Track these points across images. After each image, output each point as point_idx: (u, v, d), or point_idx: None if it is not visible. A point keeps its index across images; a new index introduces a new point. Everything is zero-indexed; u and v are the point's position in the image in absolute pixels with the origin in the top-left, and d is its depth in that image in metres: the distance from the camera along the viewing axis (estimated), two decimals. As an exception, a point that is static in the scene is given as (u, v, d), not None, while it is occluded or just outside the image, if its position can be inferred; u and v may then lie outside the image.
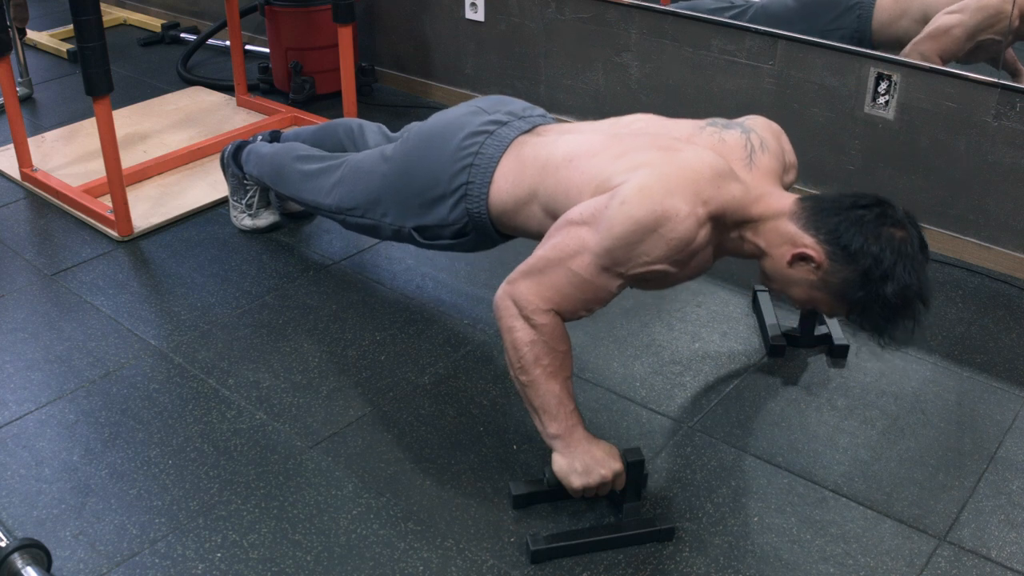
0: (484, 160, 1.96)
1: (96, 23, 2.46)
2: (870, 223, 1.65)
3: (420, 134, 2.10)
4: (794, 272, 1.71)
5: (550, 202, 1.85)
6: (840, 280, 1.67)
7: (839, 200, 1.70)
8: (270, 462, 1.94)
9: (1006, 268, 2.57)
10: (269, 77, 3.68)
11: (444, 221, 2.03)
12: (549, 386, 1.73)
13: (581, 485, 1.75)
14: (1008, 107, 2.44)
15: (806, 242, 1.68)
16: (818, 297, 1.72)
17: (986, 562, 1.74)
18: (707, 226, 1.67)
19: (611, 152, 1.79)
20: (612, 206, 1.65)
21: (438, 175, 2.01)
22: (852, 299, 1.67)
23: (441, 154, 2.01)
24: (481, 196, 1.96)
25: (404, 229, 2.11)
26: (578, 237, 1.68)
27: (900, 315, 1.66)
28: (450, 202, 2.00)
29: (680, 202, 1.63)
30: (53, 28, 4.32)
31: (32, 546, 1.63)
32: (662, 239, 1.63)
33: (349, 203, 2.22)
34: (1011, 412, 2.09)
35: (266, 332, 2.33)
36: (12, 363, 2.22)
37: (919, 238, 1.68)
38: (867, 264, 1.63)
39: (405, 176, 2.09)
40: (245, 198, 2.69)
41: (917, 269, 1.65)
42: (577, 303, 1.71)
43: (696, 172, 1.67)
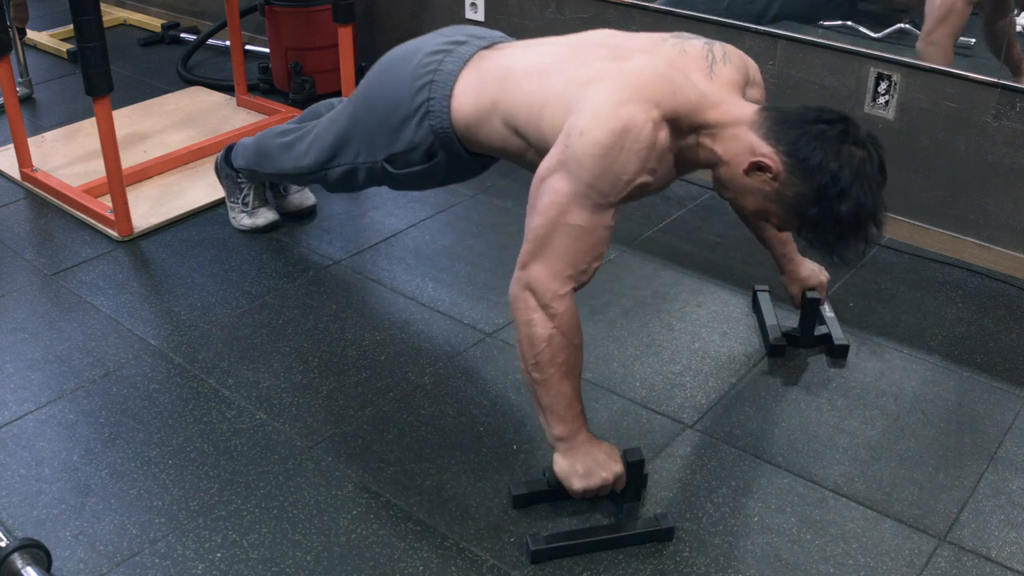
0: (443, 76, 1.95)
1: (96, 23, 2.46)
2: (832, 139, 1.63)
3: (380, 65, 2.11)
4: (750, 181, 1.69)
5: (510, 116, 1.85)
6: (795, 194, 1.65)
7: (803, 113, 1.68)
8: (270, 462, 1.94)
9: (1006, 268, 2.57)
10: (269, 77, 3.68)
11: (412, 143, 2.03)
12: (562, 387, 1.72)
13: (582, 488, 1.75)
14: (1008, 107, 2.44)
15: (764, 151, 1.66)
16: (771, 209, 1.71)
17: (986, 562, 1.74)
18: (664, 127, 1.66)
19: (569, 65, 1.78)
20: (573, 143, 1.65)
21: (400, 97, 2.01)
22: (805, 214, 1.66)
23: (401, 76, 2.01)
24: (443, 111, 1.95)
25: (377, 164, 2.11)
26: (555, 190, 1.66)
27: (851, 235, 1.65)
28: (414, 122, 2.00)
29: (633, 109, 1.63)
30: (53, 28, 4.32)
31: (32, 546, 1.63)
32: (631, 152, 1.63)
33: (327, 153, 2.24)
34: (1011, 412, 2.09)
35: (266, 332, 2.33)
36: (12, 363, 2.22)
37: (879, 159, 1.67)
38: (824, 180, 1.62)
39: (369, 106, 2.10)
40: (241, 196, 2.69)
41: (874, 190, 1.64)
42: (587, 256, 1.69)
43: (644, 77, 1.67)
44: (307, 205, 2.81)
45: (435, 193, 2.93)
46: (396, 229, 2.77)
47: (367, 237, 2.73)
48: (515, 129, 1.86)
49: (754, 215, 1.77)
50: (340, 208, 2.88)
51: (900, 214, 2.71)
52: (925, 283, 2.54)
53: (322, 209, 2.86)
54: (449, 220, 2.81)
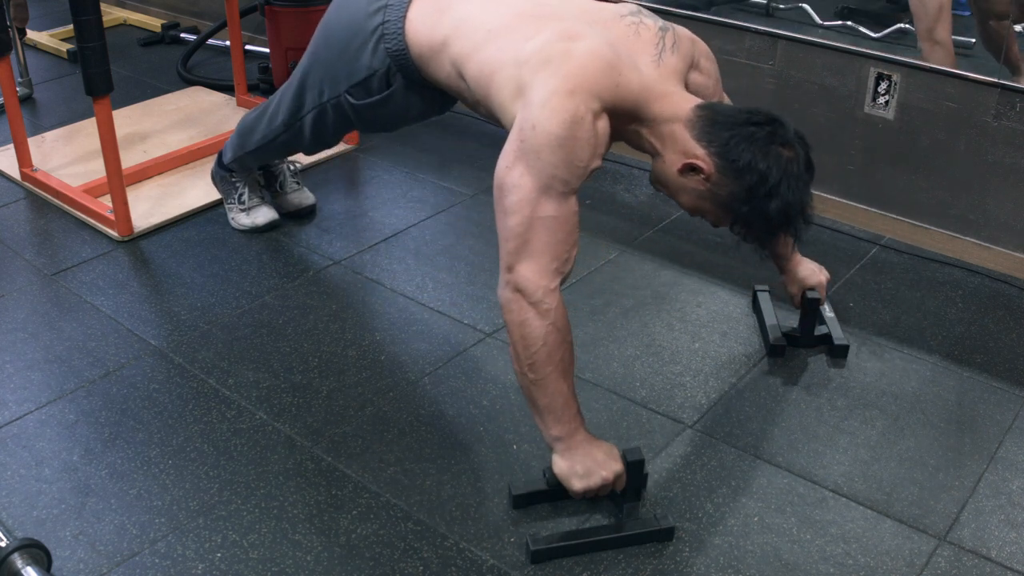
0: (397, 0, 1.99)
1: (96, 23, 2.46)
2: (760, 140, 1.69)
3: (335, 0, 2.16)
4: (684, 180, 1.76)
5: (459, 62, 1.90)
6: (727, 193, 1.72)
7: (734, 115, 1.74)
8: (270, 462, 1.94)
9: (1006, 268, 2.57)
10: (269, 77, 3.67)
11: (370, 68, 2.06)
12: (558, 386, 1.73)
13: (582, 488, 1.75)
14: (1008, 107, 2.44)
15: (697, 153, 1.72)
16: (704, 207, 1.78)
17: (986, 562, 1.74)
18: (603, 117, 1.71)
19: (521, 34, 1.80)
20: (527, 138, 1.68)
21: (355, 23, 2.05)
22: (736, 212, 1.73)
23: (355, 5, 2.06)
24: (398, 33, 1.99)
25: (341, 98, 2.15)
26: (522, 187, 1.68)
27: (781, 230, 1.74)
28: (370, 46, 2.03)
29: (579, 101, 1.67)
30: (53, 28, 4.31)
31: (32, 546, 1.63)
32: (582, 140, 1.67)
33: (293, 103, 2.29)
34: (1011, 412, 2.09)
35: (266, 332, 2.33)
36: (12, 363, 2.22)
37: (806, 157, 1.74)
38: (753, 180, 1.69)
39: (327, 38, 2.16)
40: (236, 195, 2.70)
41: (801, 188, 1.71)
42: (567, 246, 1.72)
43: (587, 67, 1.70)
44: (306, 204, 2.81)
45: (435, 193, 2.94)
46: (396, 229, 2.77)
47: (367, 237, 2.73)
48: (460, 74, 1.91)
49: (690, 211, 1.83)
50: (340, 208, 2.88)
51: (900, 214, 2.71)
52: (925, 283, 2.54)
53: (322, 209, 2.86)
54: (449, 220, 2.81)
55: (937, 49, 2.53)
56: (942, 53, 2.52)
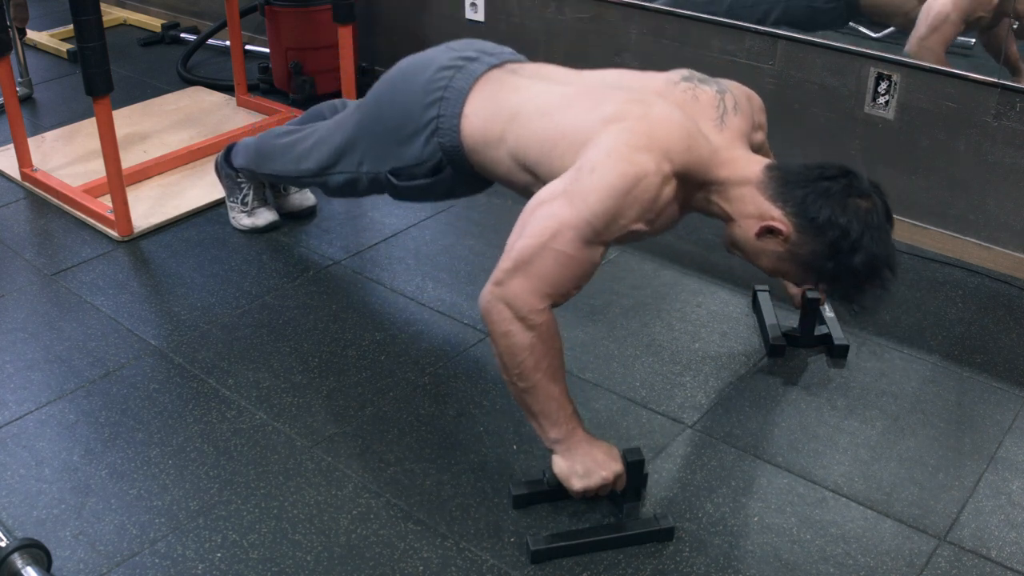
0: (454, 93, 1.95)
1: (96, 23, 2.46)
2: (836, 194, 1.66)
3: (390, 75, 2.11)
4: (762, 244, 1.72)
5: (519, 152, 1.85)
6: (808, 252, 1.68)
7: (806, 172, 1.70)
8: (270, 462, 1.94)
9: (1006, 268, 2.57)
10: (269, 77, 3.68)
11: (419, 159, 2.02)
12: (549, 390, 1.72)
13: (582, 487, 1.75)
14: (1008, 107, 2.44)
15: (774, 215, 1.69)
16: (786, 268, 1.74)
17: (986, 562, 1.74)
18: (672, 183, 1.68)
19: (584, 106, 1.78)
20: (583, 177, 1.65)
21: (410, 111, 2.01)
22: (821, 270, 1.69)
23: (412, 90, 2.01)
24: (452, 129, 1.95)
25: (381, 175, 2.11)
26: (553, 215, 1.66)
27: (869, 284, 1.68)
28: (423, 137, 2.00)
29: (647, 159, 1.64)
30: (53, 28, 4.32)
31: (32, 546, 1.63)
32: (636, 200, 1.64)
33: (328, 158, 2.23)
34: (1011, 412, 2.09)
35: (266, 332, 2.33)
36: (12, 363, 2.22)
37: (884, 207, 1.70)
38: (835, 236, 1.65)
39: (377, 116, 2.09)
40: (240, 196, 2.69)
41: (884, 239, 1.67)
42: (568, 283, 1.70)
43: (662, 129, 1.68)
44: (307, 205, 2.81)
45: (435, 193, 2.94)
46: (396, 229, 2.77)
47: (367, 237, 2.73)
48: (524, 165, 1.86)
49: (770, 273, 1.79)
50: (340, 208, 2.88)
51: (900, 214, 2.71)
52: (925, 283, 2.54)
53: (322, 209, 2.86)
54: (449, 220, 2.81)
55: (925, 53, 2.53)
56: (929, 57, 2.53)
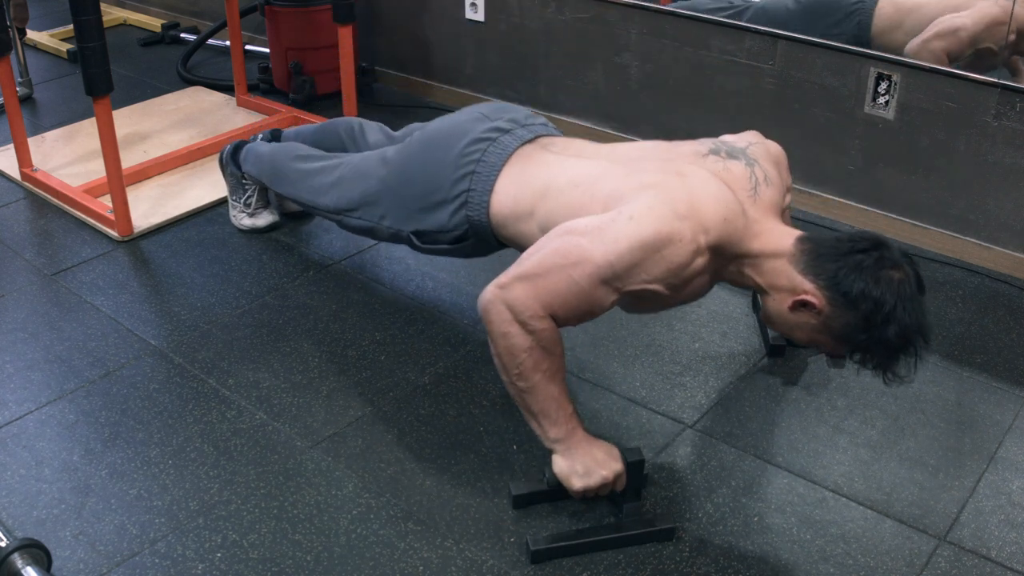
0: (486, 168, 1.96)
1: (96, 23, 2.46)
2: (869, 268, 1.65)
3: (422, 139, 2.10)
4: (796, 317, 1.72)
5: (549, 223, 1.83)
6: (842, 324, 1.67)
7: (838, 245, 1.70)
8: (270, 462, 1.94)
9: (1006, 268, 2.57)
10: (269, 77, 3.68)
11: (443, 227, 2.03)
12: (549, 390, 1.72)
13: (582, 487, 1.75)
14: (1008, 107, 2.44)
15: (807, 288, 1.68)
16: (821, 340, 1.73)
17: (986, 562, 1.74)
18: (705, 255, 1.69)
19: (618, 174, 1.79)
20: (619, 220, 1.66)
21: (439, 181, 2.01)
22: (855, 341, 1.68)
23: (443, 159, 2.01)
24: (482, 204, 1.96)
25: (403, 233, 2.11)
26: (579, 246, 1.66)
27: (903, 353, 1.67)
28: (450, 208, 2.00)
29: (685, 227, 1.65)
30: (53, 28, 4.32)
31: (32, 546, 1.63)
32: (663, 260, 1.64)
33: (347, 204, 2.22)
34: (1011, 412, 2.09)
35: (266, 332, 2.33)
36: (12, 363, 2.22)
37: (916, 276, 1.69)
38: (868, 309, 1.64)
39: (405, 180, 2.08)
40: (243, 197, 2.69)
41: (917, 309, 1.67)
42: (572, 311, 1.70)
43: (703, 200, 1.69)
44: (307, 206, 2.81)
45: (435, 193, 2.93)
46: (396, 229, 2.77)
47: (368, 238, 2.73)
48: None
49: (804, 345, 1.80)
50: (340, 208, 2.87)
51: (900, 214, 2.71)
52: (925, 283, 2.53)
53: (322, 209, 2.86)
54: (449, 220, 2.81)
55: (926, 55, 2.54)
56: (929, 59, 2.53)
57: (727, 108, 2.91)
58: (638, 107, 3.10)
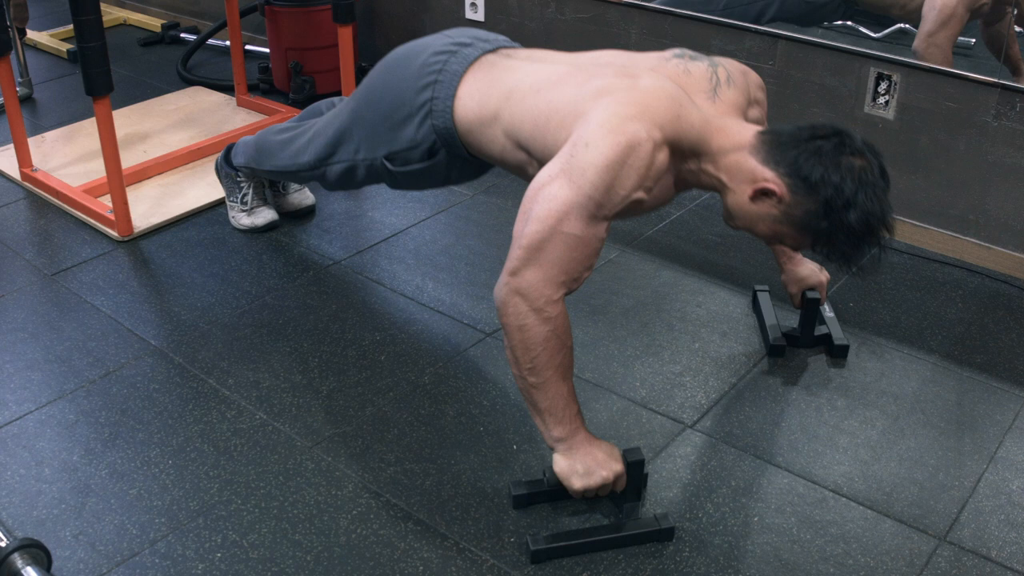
0: (448, 76, 1.96)
1: (96, 23, 2.46)
2: (829, 153, 1.66)
3: (384, 62, 2.12)
4: (757, 207, 1.72)
5: (513, 129, 1.86)
6: (803, 212, 1.68)
7: (797, 132, 1.71)
8: (270, 462, 1.94)
9: (1006, 268, 2.57)
10: (269, 77, 3.68)
11: (413, 142, 2.03)
12: (559, 388, 1.72)
13: (582, 487, 1.75)
14: (1008, 107, 2.44)
15: (767, 176, 1.69)
16: (783, 231, 1.74)
17: (986, 562, 1.74)
18: (664, 150, 1.69)
19: (575, 81, 1.79)
20: (578, 153, 1.66)
21: (403, 94, 2.02)
22: (816, 230, 1.69)
23: (405, 74, 2.02)
24: (446, 111, 1.96)
25: (376, 161, 2.12)
26: (555, 197, 1.66)
27: (865, 242, 1.68)
28: (416, 120, 2.00)
29: (639, 127, 1.65)
30: (53, 28, 4.32)
31: (32, 546, 1.63)
32: (632, 169, 1.65)
33: (324, 150, 2.24)
34: (1011, 412, 2.09)
35: (266, 332, 2.33)
36: (12, 363, 2.22)
37: (879, 165, 1.70)
38: (828, 194, 1.65)
39: (371, 102, 2.10)
40: (240, 195, 2.69)
41: (879, 196, 1.67)
42: (580, 265, 1.70)
43: (652, 98, 1.69)
44: (306, 204, 2.81)
45: (435, 193, 2.94)
46: (396, 229, 2.77)
47: (367, 237, 2.73)
48: (518, 142, 1.87)
49: (768, 239, 1.79)
50: (340, 208, 2.88)
51: (900, 214, 2.71)
52: (925, 283, 2.54)
53: (322, 209, 2.86)
54: (449, 220, 2.81)
55: (934, 51, 2.53)
56: (938, 55, 2.52)
57: (727, 108, 2.91)
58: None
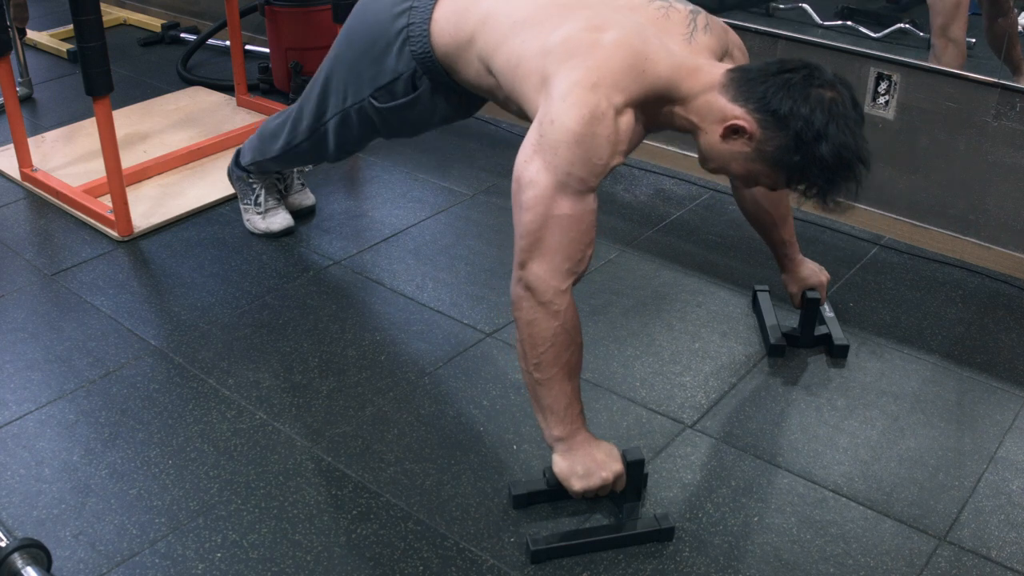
0: (422, 1, 1.97)
1: (96, 23, 2.46)
2: (797, 85, 1.65)
3: (359, 3, 2.13)
4: (729, 146, 1.71)
5: (486, 56, 1.87)
6: (775, 147, 1.66)
7: (766, 67, 1.69)
8: (270, 462, 1.94)
9: (1006, 268, 2.57)
10: (269, 77, 3.68)
11: (395, 72, 2.04)
12: (563, 387, 1.72)
13: (581, 488, 1.75)
14: (1008, 107, 2.44)
15: (736, 113, 1.68)
16: (757, 169, 1.72)
17: (986, 562, 1.74)
18: (627, 112, 1.68)
19: (548, 25, 1.76)
20: (546, 131, 1.65)
21: (380, 25, 2.03)
22: (789, 164, 1.67)
23: (380, 7, 2.04)
24: (423, 35, 1.96)
25: (364, 102, 2.12)
26: (538, 183, 1.66)
27: (840, 175, 1.66)
28: (395, 48, 2.01)
29: (600, 96, 1.64)
30: (53, 28, 4.32)
31: (32, 546, 1.63)
32: (600, 138, 1.64)
33: (317, 109, 2.26)
34: (1011, 412, 2.09)
35: (266, 332, 2.33)
36: (12, 363, 2.22)
37: (851, 98, 1.68)
38: (799, 126, 1.63)
39: (350, 41, 2.12)
40: (253, 197, 2.68)
41: (851, 127, 1.65)
42: (580, 244, 1.69)
43: (613, 58, 1.67)
44: (306, 204, 2.81)
45: (435, 193, 2.94)
46: (396, 229, 2.77)
47: (367, 237, 2.73)
48: (488, 68, 1.88)
49: (743, 180, 1.78)
50: (340, 208, 2.88)
51: (900, 214, 2.71)
52: (925, 283, 2.54)
53: (322, 209, 2.86)
54: (449, 220, 2.81)
55: (950, 47, 2.52)
56: (954, 51, 2.51)
57: (727, 108, 2.91)
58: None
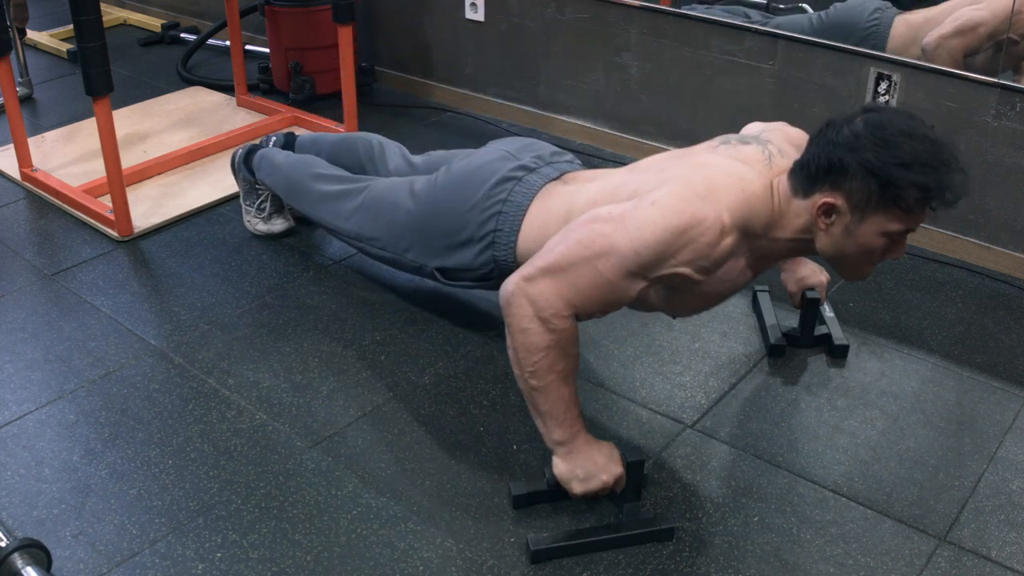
0: (513, 208, 1.97)
1: (96, 23, 2.46)
2: (830, 140, 1.63)
3: (449, 177, 2.11)
4: (838, 230, 1.66)
5: None
6: (861, 194, 1.61)
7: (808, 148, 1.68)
8: (270, 462, 1.94)
9: (1006, 268, 2.57)
10: (269, 77, 3.68)
11: (469, 265, 2.05)
12: (560, 392, 1.72)
13: (582, 491, 1.75)
14: (1008, 107, 2.44)
15: (813, 200, 1.66)
16: (870, 229, 1.64)
17: (986, 562, 1.74)
18: (732, 234, 1.66)
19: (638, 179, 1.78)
20: (642, 207, 1.65)
21: (466, 220, 2.03)
22: (882, 194, 1.59)
23: (469, 199, 2.02)
24: (509, 244, 1.98)
25: (426, 267, 2.14)
26: (604, 235, 1.65)
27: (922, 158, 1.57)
28: (477, 248, 2.02)
29: (708, 207, 1.63)
30: (53, 28, 4.32)
31: (32, 546, 1.63)
32: (689, 242, 1.62)
33: (370, 233, 2.24)
34: (1011, 412, 2.09)
35: (266, 332, 2.33)
36: (12, 363, 2.22)
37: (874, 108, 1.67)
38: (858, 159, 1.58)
39: (432, 217, 2.10)
40: (257, 201, 2.67)
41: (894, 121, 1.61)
42: (596, 304, 1.69)
43: (719, 177, 1.68)
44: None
45: (435, 193, 2.93)
46: (396, 229, 2.76)
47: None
48: None
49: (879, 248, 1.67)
50: (340, 208, 2.87)
51: (900, 214, 2.71)
52: (925, 283, 2.54)
53: (322, 209, 2.86)
54: (449, 220, 2.81)
55: (942, 53, 2.53)
56: (945, 57, 2.52)
57: (727, 108, 2.91)
58: (638, 107, 3.10)
